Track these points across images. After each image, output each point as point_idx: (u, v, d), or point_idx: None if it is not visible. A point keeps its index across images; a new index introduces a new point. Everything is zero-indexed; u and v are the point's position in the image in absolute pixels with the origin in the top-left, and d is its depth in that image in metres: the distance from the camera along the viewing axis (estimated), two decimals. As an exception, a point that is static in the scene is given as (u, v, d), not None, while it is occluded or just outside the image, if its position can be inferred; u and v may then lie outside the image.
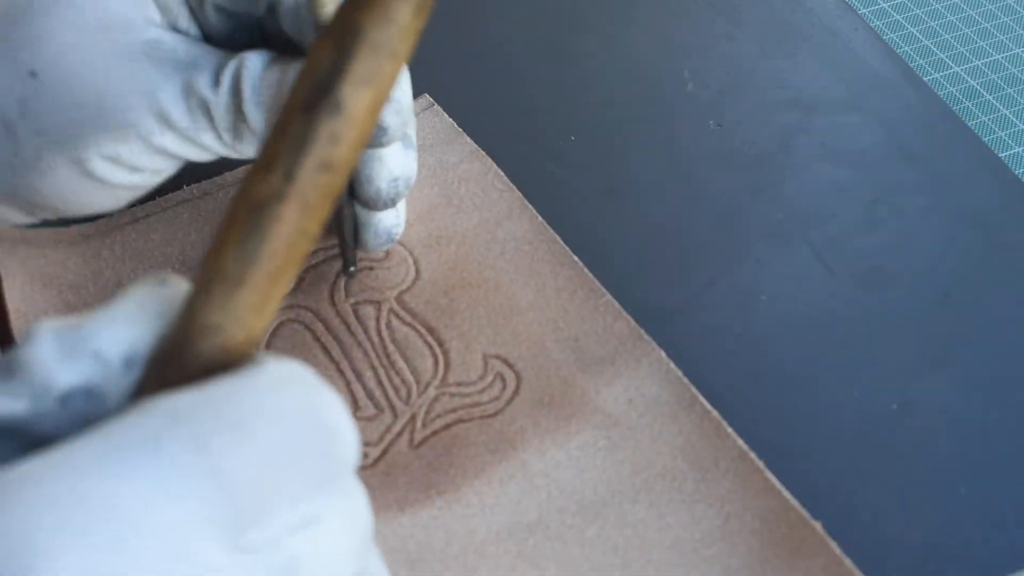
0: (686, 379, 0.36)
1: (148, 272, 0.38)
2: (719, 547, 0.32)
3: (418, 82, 0.48)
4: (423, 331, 0.38)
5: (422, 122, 0.45)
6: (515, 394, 0.36)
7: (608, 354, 0.37)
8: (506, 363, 0.37)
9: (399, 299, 0.39)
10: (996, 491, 0.35)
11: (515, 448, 0.35)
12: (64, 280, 0.38)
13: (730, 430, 0.35)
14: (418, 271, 0.40)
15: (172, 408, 0.15)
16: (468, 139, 0.44)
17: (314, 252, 0.40)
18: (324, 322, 0.38)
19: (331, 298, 0.39)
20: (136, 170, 0.32)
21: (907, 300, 0.40)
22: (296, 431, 0.16)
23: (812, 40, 0.51)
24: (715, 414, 0.35)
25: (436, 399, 0.36)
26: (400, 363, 0.37)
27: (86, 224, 0.40)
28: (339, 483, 0.17)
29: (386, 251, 0.40)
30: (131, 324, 0.17)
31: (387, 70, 0.17)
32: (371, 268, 0.39)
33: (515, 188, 0.42)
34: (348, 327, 0.38)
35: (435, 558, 0.32)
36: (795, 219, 0.43)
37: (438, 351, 0.37)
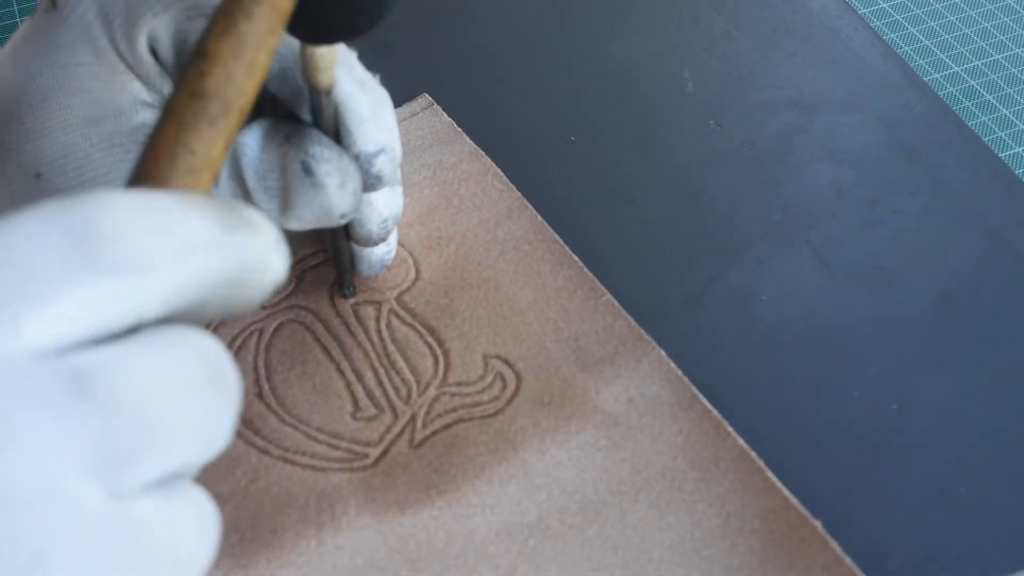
0: (686, 379, 0.36)
1: None
2: (719, 546, 0.32)
3: (418, 82, 0.49)
4: (423, 331, 0.38)
5: (422, 122, 0.45)
6: (515, 394, 0.36)
7: (608, 354, 0.37)
8: (506, 363, 0.37)
9: (399, 299, 0.39)
10: (996, 491, 0.35)
11: (515, 448, 0.35)
12: None
13: (730, 429, 0.35)
14: (418, 271, 0.40)
15: None
16: (468, 139, 0.44)
17: (313, 253, 0.40)
18: (324, 323, 0.38)
19: (331, 299, 0.39)
20: None
21: (907, 300, 0.40)
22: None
23: (812, 40, 0.51)
24: (715, 413, 0.35)
25: (436, 399, 0.36)
26: (400, 363, 0.37)
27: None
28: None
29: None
30: None
31: (242, 26, 0.22)
32: (371, 268, 0.40)
33: (515, 188, 0.42)
34: (348, 327, 0.38)
35: (435, 558, 0.32)
36: (795, 219, 0.43)
37: (438, 351, 0.37)
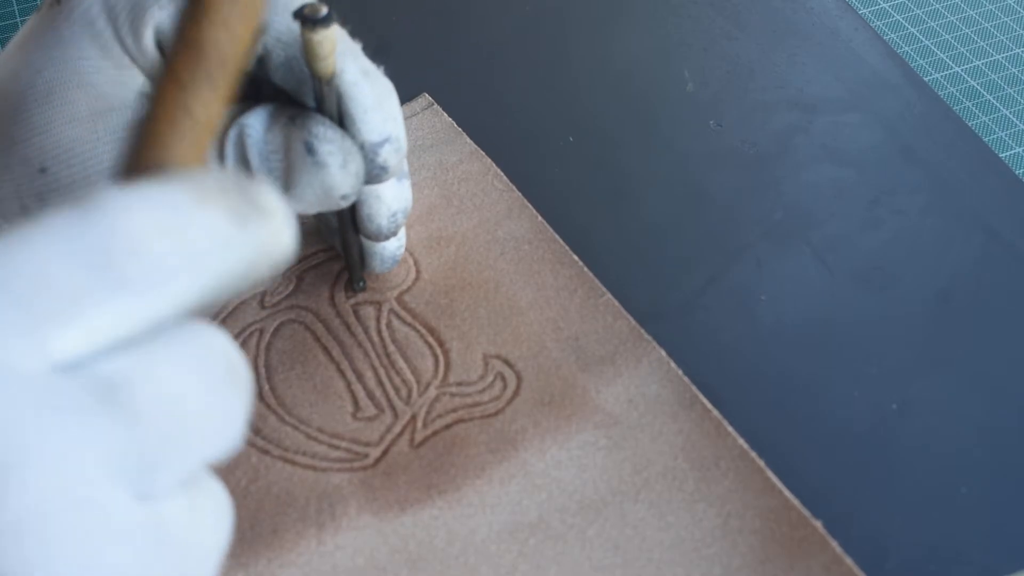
0: (686, 378, 0.36)
1: None
2: (720, 546, 0.32)
3: (418, 82, 0.49)
4: (423, 331, 0.38)
5: (422, 122, 0.45)
6: (515, 394, 0.36)
7: (608, 353, 0.37)
8: (506, 363, 0.37)
9: (399, 299, 0.39)
10: (996, 491, 0.35)
11: (516, 448, 0.35)
12: None
13: (731, 429, 0.35)
14: (418, 271, 0.40)
15: None
16: (468, 139, 0.44)
17: (314, 253, 0.40)
18: (324, 323, 0.38)
19: (331, 299, 0.39)
20: None
21: (907, 300, 0.40)
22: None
23: (812, 40, 0.51)
24: (715, 413, 0.35)
25: (437, 399, 0.36)
26: (400, 363, 0.37)
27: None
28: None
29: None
30: None
31: None
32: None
33: (515, 188, 0.42)
34: (348, 327, 0.38)
35: (436, 558, 0.32)
36: (795, 219, 0.43)
37: (438, 351, 0.37)
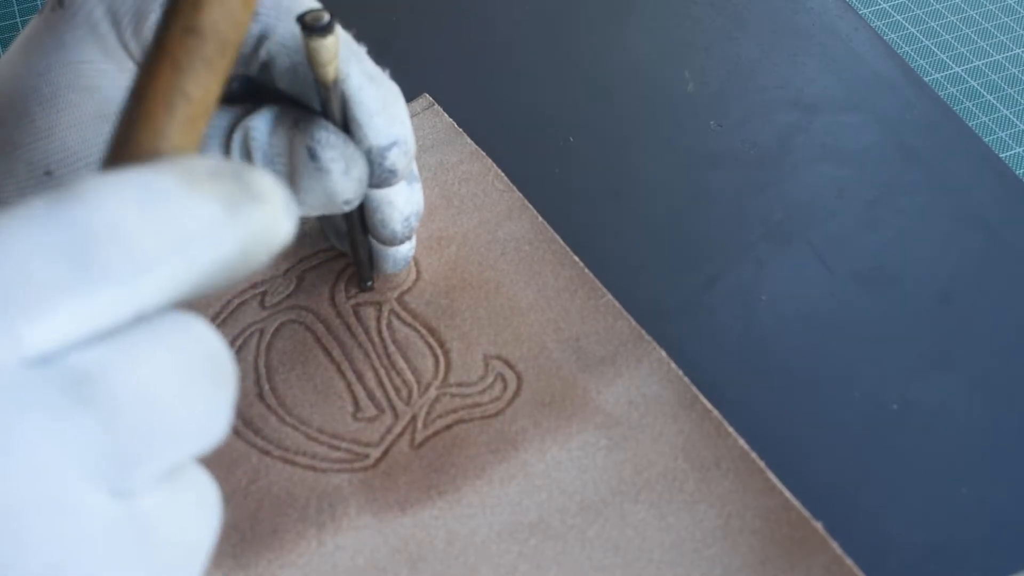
0: (687, 379, 0.36)
1: None
2: (720, 546, 0.32)
3: (418, 82, 0.49)
4: (424, 332, 0.38)
5: (423, 122, 0.45)
6: (516, 394, 0.36)
7: (609, 354, 0.37)
8: (507, 363, 0.37)
9: (400, 300, 0.39)
10: (996, 491, 0.35)
11: (516, 448, 0.35)
12: None
13: (731, 430, 0.35)
14: (419, 272, 0.40)
15: None
16: (468, 139, 0.44)
17: (314, 253, 0.40)
18: (325, 323, 0.38)
19: (332, 299, 0.39)
20: None
21: (907, 300, 0.40)
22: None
23: (812, 40, 0.51)
24: (716, 414, 0.35)
25: (437, 400, 0.36)
26: (401, 364, 0.37)
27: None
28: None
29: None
30: None
31: None
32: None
33: (515, 188, 0.42)
34: (349, 328, 0.38)
35: (436, 558, 0.32)
36: (795, 219, 0.43)
37: (439, 352, 0.37)
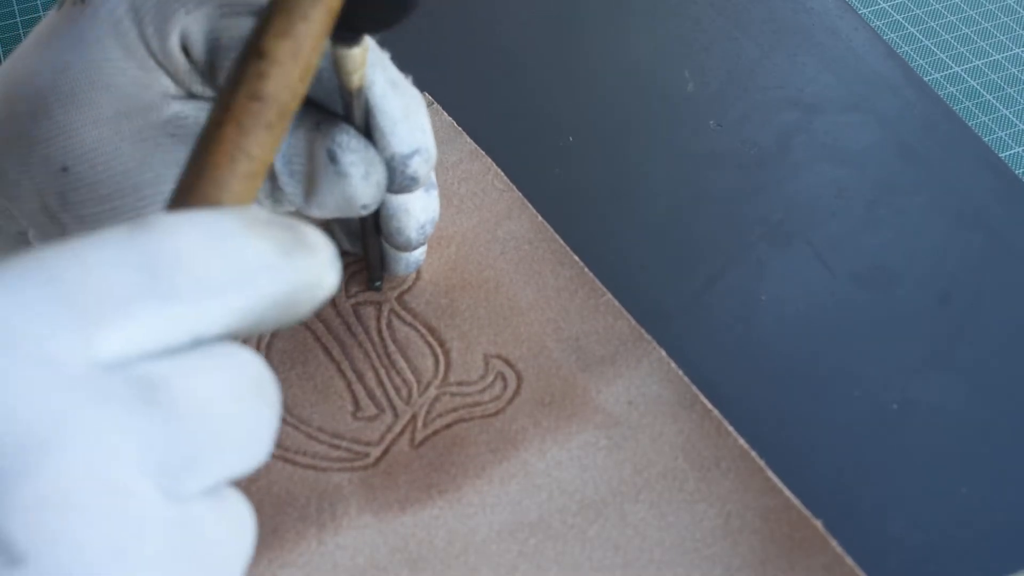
0: (687, 378, 0.36)
1: None
2: (720, 546, 0.32)
3: (418, 82, 0.49)
4: (424, 331, 0.38)
5: (422, 122, 0.45)
6: (516, 394, 0.36)
7: (609, 354, 0.37)
8: (507, 363, 0.37)
9: (400, 299, 0.39)
10: (996, 491, 0.35)
11: (516, 448, 0.35)
12: None
13: (731, 429, 0.35)
14: (418, 271, 0.40)
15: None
16: (468, 139, 0.44)
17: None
18: (325, 322, 0.38)
19: (331, 298, 0.39)
20: None
21: (907, 300, 0.40)
22: None
23: (812, 40, 0.51)
24: (716, 413, 0.35)
25: (437, 399, 0.36)
26: (401, 363, 0.37)
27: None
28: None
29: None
30: None
31: (300, 27, 0.22)
32: (372, 268, 0.40)
33: (515, 188, 0.42)
34: (349, 327, 0.38)
35: (436, 557, 0.32)
36: (795, 219, 0.43)
37: (439, 351, 0.37)
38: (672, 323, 0.39)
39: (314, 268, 0.19)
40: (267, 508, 0.33)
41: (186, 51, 0.31)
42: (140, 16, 0.31)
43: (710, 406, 0.35)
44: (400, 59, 0.35)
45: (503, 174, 0.43)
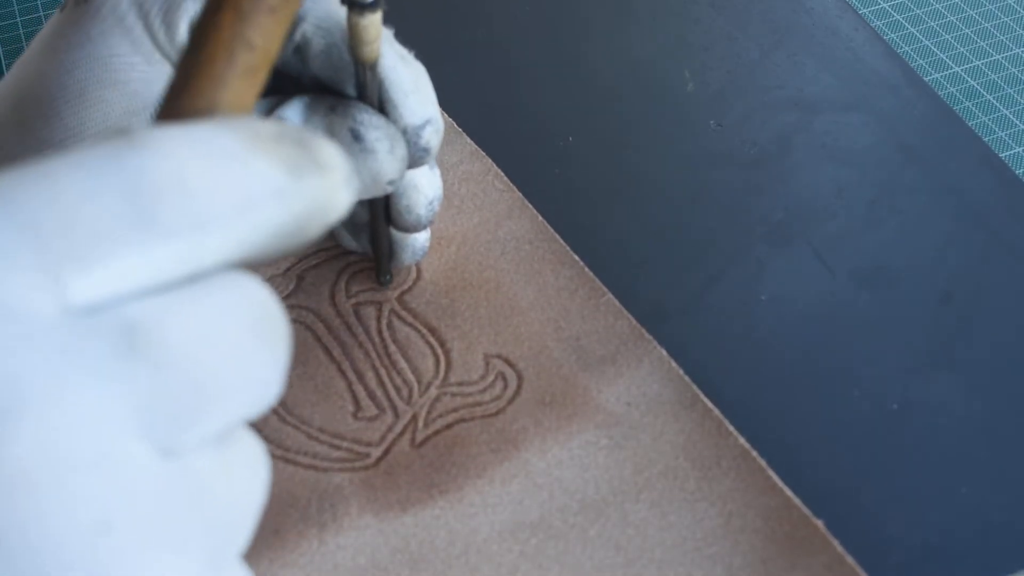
0: (687, 378, 0.36)
1: None
2: (721, 545, 0.32)
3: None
4: (424, 331, 0.38)
5: (423, 122, 0.45)
6: (516, 393, 0.36)
7: (609, 353, 0.37)
8: (507, 363, 0.37)
9: (400, 299, 0.39)
10: (996, 491, 0.35)
11: (517, 447, 0.35)
12: None
13: (732, 429, 0.35)
14: (419, 271, 0.40)
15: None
16: (468, 139, 0.44)
17: (315, 252, 0.40)
18: (325, 322, 0.38)
19: (332, 298, 0.39)
20: None
21: (907, 300, 0.40)
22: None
23: (812, 40, 0.51)
24: (716, 413, 0.35)
25: (437, 399, 0.36)
26: (401, 363, 0.37)
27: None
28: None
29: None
30: None
31: None
32: (372, 269, 0.40)
33: (515, 188, 0.42)
34: (349, 327, 0.38)
35: (437, 557, 0.32)
36: (795, 219, 0.43)
37: (439, 351, 0.37)
38: (672, 323, 0.39)
39: (327, 189, 0.17)
40: (268, 508, 0.33)
41: None
42: (145, 10, 0.31)
43: (711, 405, 0.35)
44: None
45: (503, 174, 0.43)
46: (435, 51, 0.51)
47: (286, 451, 0.35)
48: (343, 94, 0.33)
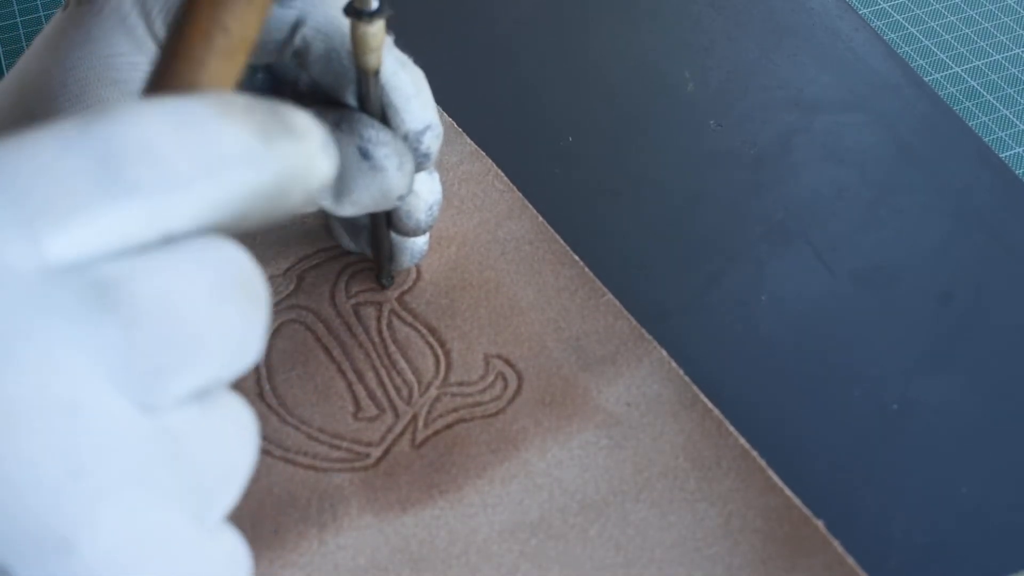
0: (687, 378, 0.36)
1: None
2: (721, 545, 0.32)
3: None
4: (424, 331, 0.38)
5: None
6: (516, 394, 0.36)
7: (609, 353, 0.37)
8: (507, 363, 0.37)
9: (400, 300, 0.39)
10: (996, 491, 0.35)
11: (517, 448, 0.35)
12: None
13: (732, 429, 0.35)
14: (419, 271, 0.40)
15: None
16: (468, 139, 0.44)
17: (314, 253, 0.40)
18: (325, 323, 0.38)
19: (332, 299, 0.39)
20: None
21: (907, 300, 0.40)
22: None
23: (812, 40, 0.51)
24: (716, 413, 0.35)
25: (438, 399, 0.36)
26: (401, 363, 0.37)
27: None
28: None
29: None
30: None
31: None
32: (372, 269, 0.40)
33: (515, 188, 0.42)
34: (349, 328, 0.38)
35: (438, 557, 0.32)
36: (795, 219, 0.43)
37: (439, 351, 0.37)
38: (672, 323, 0.39)
39: (302, 155, 0.18)
40: (268, 508, 0.33)
41: None
42: (147, 8, 0.31)
43: (711, 405, 0.35)
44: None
45: (503, 175, 0.43)
46: (435, 51, 0.51)
47: (286, 451, 0.35)
48: (342, 101, 0.33)
